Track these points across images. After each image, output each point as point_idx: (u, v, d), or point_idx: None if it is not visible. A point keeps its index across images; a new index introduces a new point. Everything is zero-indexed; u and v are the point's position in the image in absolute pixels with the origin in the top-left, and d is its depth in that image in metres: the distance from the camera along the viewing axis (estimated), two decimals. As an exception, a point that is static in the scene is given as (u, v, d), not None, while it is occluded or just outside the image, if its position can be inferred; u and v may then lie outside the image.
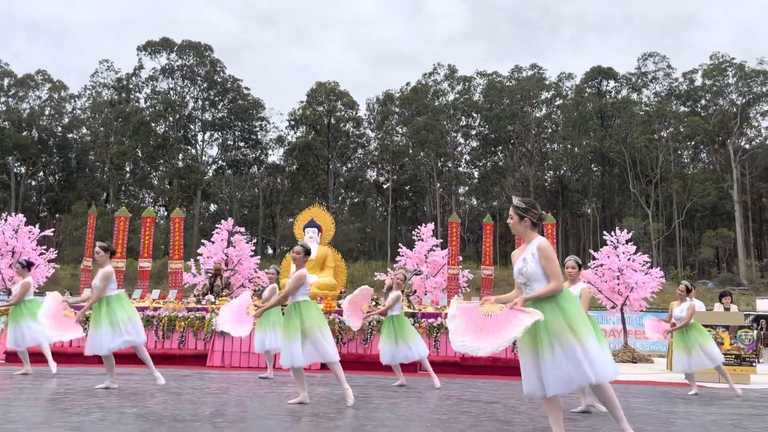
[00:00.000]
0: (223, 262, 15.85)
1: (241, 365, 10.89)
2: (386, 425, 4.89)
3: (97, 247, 7.02)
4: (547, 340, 3.78)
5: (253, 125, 57.30)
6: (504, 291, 27.74)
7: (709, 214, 52.10)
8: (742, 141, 52.10)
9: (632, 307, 16.07)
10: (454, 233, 17.12)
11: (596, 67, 56.06)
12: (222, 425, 4.64)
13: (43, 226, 20.52)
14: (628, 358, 15.29)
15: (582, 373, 3.72)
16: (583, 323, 3.89)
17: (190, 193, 51.91)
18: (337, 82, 56.78)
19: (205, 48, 55.69)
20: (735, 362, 10.69)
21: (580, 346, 3.75)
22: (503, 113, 54.22)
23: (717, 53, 52.53)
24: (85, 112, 56.94)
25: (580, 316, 3.90)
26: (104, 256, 6.96)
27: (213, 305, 12.26)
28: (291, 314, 6.00)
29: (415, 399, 6.83)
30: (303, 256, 6.21)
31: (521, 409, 6.15)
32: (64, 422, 4.56)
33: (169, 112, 54.55)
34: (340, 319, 11.55)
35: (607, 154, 50.99)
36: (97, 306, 6.83)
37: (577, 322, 3.85)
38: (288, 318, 6.01)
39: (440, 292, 16.59)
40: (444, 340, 11.40)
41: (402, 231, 54.95)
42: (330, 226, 16.68)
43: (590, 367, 3.73)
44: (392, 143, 55.42)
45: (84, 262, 16.84)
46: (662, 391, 8.61)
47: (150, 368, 7.02)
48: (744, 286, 40.33)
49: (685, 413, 6.24)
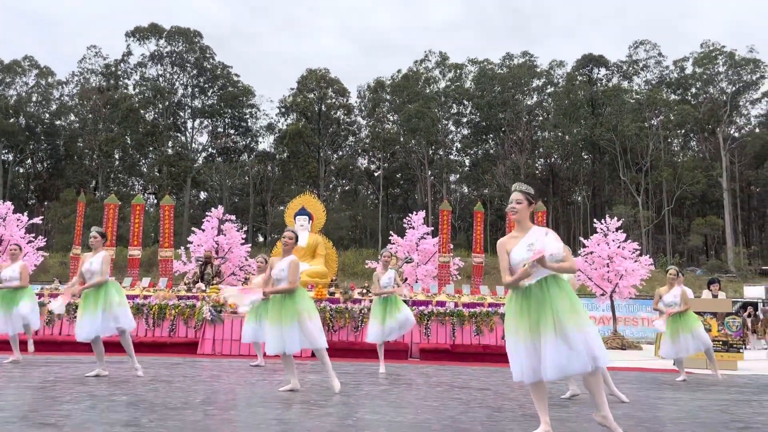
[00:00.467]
0: (213, 250, 15.80)
1: (232, 353, 10.89)
2: (377, 412, 4.91)
3: (95, 233, 7.03)
4: (551, 323, 3.77)
5: (243, 112, 56.98)
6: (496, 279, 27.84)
7: (698, 202, 52.44)
8: (731, 129, 52.39)
9: (621, 294, 16.19)
10: (445, 221, 17.14)
11: (587, 55, 56.04)
12: (213, 412, 4.64)
13: (31, 213, 20.35)
14: (617, 345, 15.42)
15: (582, 359, 3.72)
16: (584, 311, 3.96)
17: (179, 180, 51.62)
18: (327, 69, 56.52)
19: (195, 34, 55.17)
20: (722, 349, 10.81)
21: (582, 334, 3.78)
22: (494, 101, 54.16)
23: (707, 41, 52.66)
24: (73, 98, 56.34)
25: (580, 304, 3.97)
26: (101, 241, 7.00)
27: (203, 293, 12.23)
28: (284, 301, 5.99)
29: (406, 386, 6.86)
30: (295, 241, 6.24)
31: (511, 395, 6.19)
32: (54, 410, 4.54)
33: (158, 98, 54.10)
34: (331, 307, 11.58)
35: (597, 142, 51.11)
36: (94, 291, 6.82)
37: (581, 309, 3.91)
38: (280, 305, 5.99)
39: (431, 280, 16.64)
40: (435, 327, 11.45)
41: (393, 219, 54.97)
42: (321, 214, 16.65)
43: (590, 354, 3.75)
44: (383, 131, 55.28)
45: (73, 250, 16.71)
46: (651, 377, 8.69)
47: (131, 357, 6.98)
48: (732, 273, 40.70)
49: (673, 399, 6.30)
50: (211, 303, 11.26)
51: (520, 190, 4.13)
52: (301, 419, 4.47)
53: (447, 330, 11.41)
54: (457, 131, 58.01)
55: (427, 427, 4.23)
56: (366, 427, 4.17)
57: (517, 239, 4.11)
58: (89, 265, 6.90)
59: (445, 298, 12.28)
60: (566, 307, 3.83)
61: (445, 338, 11.41)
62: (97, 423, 4.08)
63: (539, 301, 3.88)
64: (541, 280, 3.94)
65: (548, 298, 3.87)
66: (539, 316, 3.83)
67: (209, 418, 4.41)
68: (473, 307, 11.80)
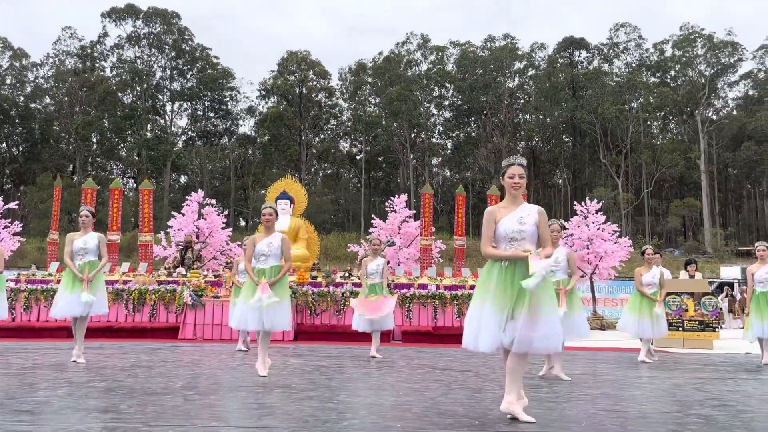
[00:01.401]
0: (194, 235, 15.66)
1: (214, 338, 10.85)
2: (358, 395, 4.92)
3: (86, 211, 7.03)
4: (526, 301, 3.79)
5: (223, 95, 56.33)
6: (477, 261, 28.00)
7: (676, 184, 53.09)
8: (709, 112, 52.94)
9: (601, 275, 16.37)
10: (427, 204, 17.16)
11: (568, 38, 56.11)
12: (193, 397, 4.61)
13: (7, 198, 19.96)
14: (596, 326, 15.63)
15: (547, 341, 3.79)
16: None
17: (159, 164, 51.01)
18: (308, 51, 55.98)
19: (173, 15, 54.24)
20: (699, 328, 11.00)
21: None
22: (476, 84, 54.10)
23: (687, 24, 53.00)
24: (48, 81, 55.23)
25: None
26: (92, 220, 7.07)
27: (184, 278, 12.14)
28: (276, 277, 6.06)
29: (388, 368, 6.89)
30: (276, 217, 6.25)
31: (492, 377, 6.24)
32: (31, 397, 4.48)
33: (136, 81, 53.23)
34: (313, 291, 11.57)
35: (578, 124, 51.41)
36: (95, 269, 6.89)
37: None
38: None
39: (413, 263, 16.66)
40: (417, 309, 11.51)
41: (375, 202, 54.91)
42: (302, 197, 16.57)
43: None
44: (365, 114, 55.00)
45: (50, 235, 16.45)
46: (629, 356, 8.82)
47: (78, 343, 6.90)
48: (709, 254, 41.38)
49: (650, 378, 6.40)
50: (191, 288, 11.19)
51: (520, 163, 4.13)
52: (281, 403, 4.46)
53: (429, 312, 11.47)
54: (438, 114, 57.95)
55: (407, 409, 4.25)
56: (347, 410, 4.18)
57: (507, 210, 4.10)
58: (83, 243, 6.87)
59: (427, 281, 12.33)
60: (545, 288, 3.86)
61: (427, 320, 11.47)
62: (74, 410, 4.04)
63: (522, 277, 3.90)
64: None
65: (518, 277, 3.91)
66: (518, 292, 3.85)
67: (189, 403, 4.38)
68: (455, 289, 11.87)
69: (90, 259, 6.90)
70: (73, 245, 6.90)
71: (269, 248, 6.08)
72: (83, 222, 6.97)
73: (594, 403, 4.70)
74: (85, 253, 6.86)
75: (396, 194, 18.98)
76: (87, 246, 6.86)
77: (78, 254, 6.88)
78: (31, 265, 17.76)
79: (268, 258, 6.07)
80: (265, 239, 6.14)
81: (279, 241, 6.12)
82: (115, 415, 3.84)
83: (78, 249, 6.87)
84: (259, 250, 6.11)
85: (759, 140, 48.13)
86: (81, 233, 6.96)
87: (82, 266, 6.86)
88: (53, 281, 11.88)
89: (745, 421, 4.06)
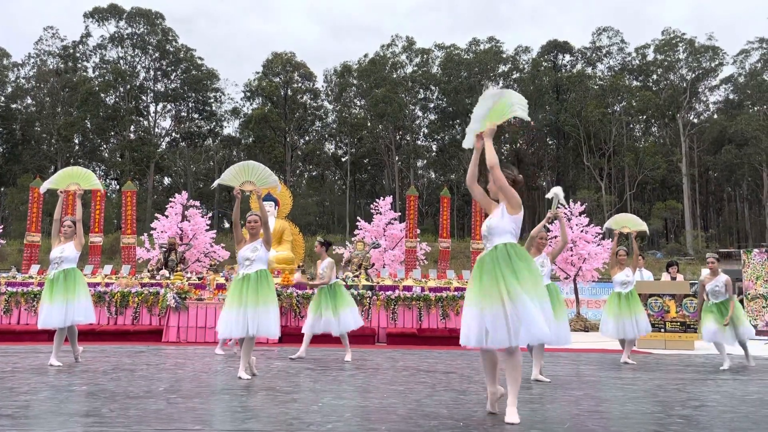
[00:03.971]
0: (177, 237, 15.55)
1: (197, 340, 10.77)
2: (342, 397, 4.91)
3: (69, 221, 7.05)
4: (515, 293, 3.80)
5: (207, 96, 55.99)
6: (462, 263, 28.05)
7: (658, 187, 53.65)
8: (690, 115, 53.58)
9: (585, 277, 16.49)
10: (412, 206, 17.19)
11: (552, 41, 56.52)
12: (176, 401, 4.58)
13: (-14, 200, 19.70)
14: (580, 327, 15.73)
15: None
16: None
17: (142, 166, 50.57)
18: (293, 53, 55.87)
19: (156, 16, 53.84)
20: (680, 329, 11.12)
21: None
22: (461, 86, 54.30)
23: (668, 28, 53.58)
24: (29, 81, 54.51)
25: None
26: (74, 230, 7.01)
27: (167, 280, 12.04)
28: (260, 283, 6.00)
29: (372, 370, 6.88)
30: (261, 224, 6.23)
31: (477, 378, 6.26)
32: (12, 401, 4.42)
33: (119, 82, 52.72)
34: (297, 293, 11.53)
35: (562, 127, 51.77)
36: (72, 277, 6.82)
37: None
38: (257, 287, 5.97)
39: (398, 265, 16.68)
40: (401, 311, 11.51)
41: (361, 204, 54.87)
42: (287, 199, 16.52)
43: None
44: (350, 116, 54.96)
45: (27, 237, 16.07)
46: (612, 358, 8.89)
47: (56, 349, 6.84)
48: (690, 256, 41.84)
49: (632, 379, 6.46)
50: (175, 290, 11.10)
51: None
52: (265, 406, 4.44)
53: (414, 314, 11.48)
54: (424, 116, 58.05)
55: (392, 411, 4.25)
56: (331, 413, 4.17)
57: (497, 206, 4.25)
58: (60, 251, 6.86)
59: (411, 283, 12.34)
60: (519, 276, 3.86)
61: (411, 322, 11.48)
62: (56, 414, 3.99)
63: (491, 268, 3.92)
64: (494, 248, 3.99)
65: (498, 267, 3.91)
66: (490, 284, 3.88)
67: (172, 406, 4.35)
68: (440, 291, 11.89)
69: (65, 267, 6.85)
70: (50, 254, 6.88)
71: (254, 253, 6.07)
72: (65, 232, 6.93)
73: (577, 404, 4.74)
74: (61, 262, 6.83)
75: (381, 196, 19.00)
76: (64, 254, 6.82)
77: (54, 262, 6.83)
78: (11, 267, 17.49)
79: (253, 263, 6.07)
80: (250, 244, 6.14)
81: (262, 245, 6.15)
82: (97, 419, 3.80)
83: (54, 258, 6.83)
84: (243, 255, 6.10)
85: (739, 144, 48.78)
86: (62, 242, 6.93)
87: (57, 275, 6.79)
88: (34, 284, 11.73)
89: (725, 421, 4.11)
